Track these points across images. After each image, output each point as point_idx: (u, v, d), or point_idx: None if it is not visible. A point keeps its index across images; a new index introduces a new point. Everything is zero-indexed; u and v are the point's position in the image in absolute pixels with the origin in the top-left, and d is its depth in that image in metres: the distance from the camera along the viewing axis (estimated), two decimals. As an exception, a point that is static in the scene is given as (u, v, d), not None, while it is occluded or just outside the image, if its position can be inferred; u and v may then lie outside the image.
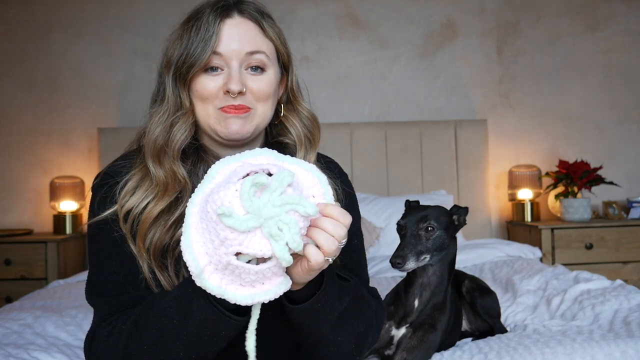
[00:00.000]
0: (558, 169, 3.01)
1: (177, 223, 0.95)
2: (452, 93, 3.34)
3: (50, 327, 1.64)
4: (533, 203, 3.11)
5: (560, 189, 3.04)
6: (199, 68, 0.96)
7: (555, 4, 3.36)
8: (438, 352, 1.37)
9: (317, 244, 0.78)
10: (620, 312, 1.58)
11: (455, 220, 1.35)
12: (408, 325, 1.34)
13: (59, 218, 2.99)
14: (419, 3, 3.33)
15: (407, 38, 3.33)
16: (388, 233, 2.75)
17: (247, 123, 0.98)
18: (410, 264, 1.25)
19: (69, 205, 3.01)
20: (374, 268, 2.49)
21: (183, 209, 0.95)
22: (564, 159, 3.10)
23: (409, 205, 1.39)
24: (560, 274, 2.08)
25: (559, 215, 3.06)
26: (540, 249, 2.79)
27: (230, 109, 0.96)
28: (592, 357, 1.23)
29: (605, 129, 3.37)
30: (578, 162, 2.97)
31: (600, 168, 2.96)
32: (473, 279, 1.59)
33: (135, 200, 0.95)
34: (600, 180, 2.93)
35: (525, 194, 3.13)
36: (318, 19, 3.32)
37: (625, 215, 3.13)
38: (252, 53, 0.98)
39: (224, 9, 0.98)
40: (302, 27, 3.31)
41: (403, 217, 1.34)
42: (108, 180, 0.99)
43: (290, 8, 3.29)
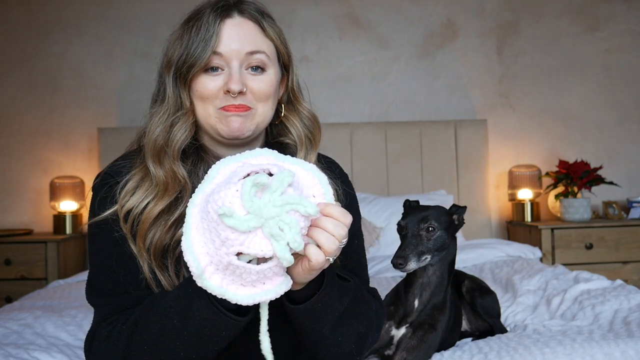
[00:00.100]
0: (558, 169, 3.02)
1: (177, 223, 0.95)
2: (452, 93, 3.34)
3: (50, 327, 1.64)
4: (533, 203, 3.12)
5: (560, 189, 3.04)
6: (200, 68, 0.96)
7: (555, 4, 3.36)
8: (438, 352, 1.37)
9: (317, 244, 0.78)
10: (620, 312, 1.58)
11: (455, 220, 1.35)
12: (408, 325, 1.34)
13: (59, 218, 2.99)
14: (419, 3, 3.33)
15: (407, 38, 3.33)
16: (388, 233, 2.75)
17: (247, 121, 0.98)
18: (412, 265, 1.26)
19: (69, 205, 3.01)
20: (374, 268, 2.49)
21: (183, 209, 0.95)
22: (564, 159, 3.10)
23: (409, 206, 1.39)
24: (560, 274, 2.08)
25: (559, 215, 3.06)
26: (540, 249, 2.79)
27: (231, 108, 0.97)
28: (592, 357, 1.23)
29: (605, 129, 3.37)
30: (578, 162, 2.97)
31: (600, 168, 2.96)
32: (473, 279, 1.59)
33: (136, 200, 0.95)
34: (600, 180, 2.93)
35: (525, 194, 3.13)
36: (318, 19, 3.32)
37: (625, 215, 3.13)
38: (252, 53, 0.98)
39: (224, 9, 0.98)
40: (302, 27, 3.31)
41: (403, 217, 1.34)
42: (108, 180, 0.99)
43: (290, 8, 3.29)
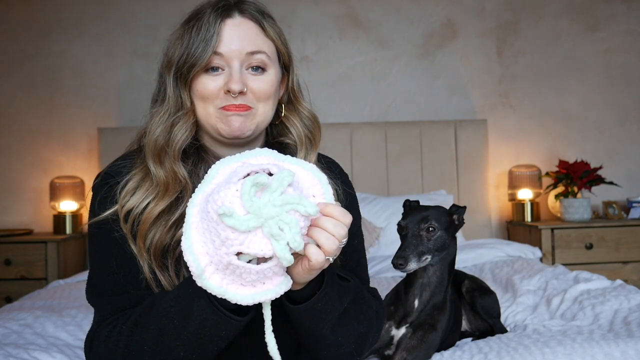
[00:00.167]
0: (558, 169, 3.02)
1: (177, 223, 0.95)
2: (452, 93, 3.34)
3: (50, 327, 1.64)
4: (533, 203, 3.11)
5: (560, 189, 3.04)
6: (200, 68, 0.96)
7: (555, 4, 3.36)
8: (438, 352, 1.37)
9: (317, 244, 0.78)
10: (620, 312, 1.58)
11: (456, 220, 1.35)
12: (408, 325, 1.34)
13: (59, 218, 2.99)
14: (419, 3, 3.33)
15: (407, 38, 3.33)
16: (388, 233, 2.75)
17: (248, 121, 0.98)
18: (412, 265, 1.26)
19: (69, 205, 3.01)
20: (374, 268, 2.49)
21: (183, 209, 0.95)
22: (564, 159, 3.10)
23: (409, 206, 1.39)
24: (560, 274, 2.08)
25: (559, 215, 3.06)
26: (540, 249, 2.79)
27: (231, 108, 0.97)
28: (592, 357, 1.23)
29: (605, 129, 3.37)
30: (578, 162, 2.97)
31: (600, 168, 2.96)
32: (473, 279, 1.59)
33: (136, 200, 0.95)
34: (600, 180, 2.93)
35: (525, 194, 3.13)
36: (318, 19, 3.32)
37: (625, 215, 3.13)
38: (252, 53, 0.98)
39: (225, 9, 0.98)
40: (302, 27, 3.31)
41: (404, 217, 1.34)
42: (109, 180, 0.99)
43: (290, 8, 3.29)
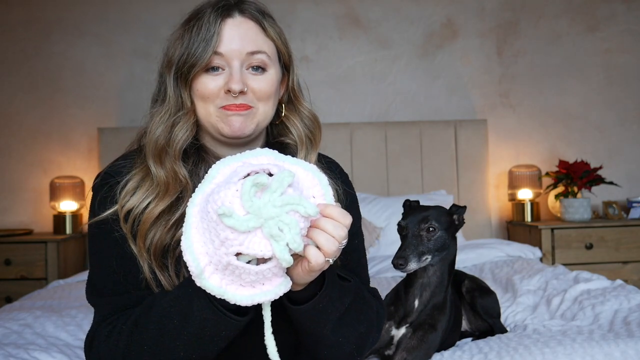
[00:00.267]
0: (558, 169, 3.02)
1: (177, 223, 0.95)
2: (452, 93, 3.34)
3: (50, 327, 1.64)
4: (533, 203, 3.11)
5: (560, 189, 3.04)
6: (200, 68, 0.96)
7: (555, 4, 3.36)
8: (438, 352, 1.37)
9: (317, 245, 0.78)
10: (620, 312, 1.58)
11: (456, 220, 1.35)
12: (408, 326, 1.34)
13: (59, 218, 2.99)
14: (419, 3, 3.33)
15: (407, 38, 3.33)
16: (388, 233, 2.75)
17: (248, 120, 0.98)
18: (412, 265, 1.25)
19: (69, 205, 3.01)
20: (374, 268, 2.49)
21: (184, 209, 0.95)
22: (564, 159, 3.10)
23: (410, 206, 1.39)
24: (560, 274, 2.08)
25: (559, 215, 3.06)
26: (540, 249, 2.79)
27: (232, 107, 0.97)
28: (592, 357, 1.23)
29: (605, 129, 3.37)
30: (578, 162, 2.97)
31: (600, 168, 2.96)
32: (473, 279, 1.59)
33: (136, 200, 0.95)
34: (600, 180, 2.93)
35: (525, 194, 3.13)
36: (318, 19, 3.32)
37: (625, 215, 3.13)
38: (253, 53, 0.98)
39: (225, 9, 0.98)
40: (302, 27, 3.31)
41: (404, 217, 1.34)
42: (109, 180, 0.99)
43: (290, 8, 3.29)
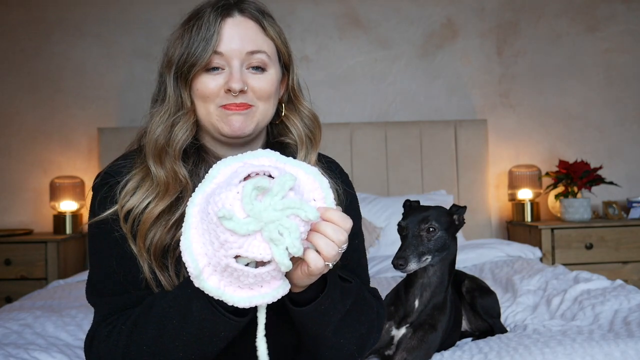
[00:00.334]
0: (558, 169, 3.02)
1: (177, 223, 0.95)
2: (452, 93, 3.34)
3: (50, 327, 1.63)
4: (533, 203, 3.11)
5: (560, 189, 3.04)
6: (200, 67, 0.96)
7: (555, 4, 3.36)
8: (438, 352, 1.37)
9: (317, 249, 0.77)
10: (620, 312, 1.58)
11: (456, 220, 1.35)
12: (408, 326, 1.34)
13: (59, 218, 2.99)
14: (419, 3, 3.33)
15: (407, 38, 3.33)
16: (388, 233, 2.75)
17: (248, 120, 0.98)
18: (412, 265, 1.25)
19: (69, 205, 3.01)
20: (374, 268, 2.49)
21: (184, 209, 0.95)
22: (564, 159, 3.10)
23: (410, 206, 1.39)
24: (560, 274, 2.08)
25: (559, 215, 3.06)
26: (540, 249, 2.79)
27: (232, 107, 0.97)
28: (592, 357, 1.23)
29: (605, 129, 3.37)
30: (578, 162, 2.97)
31: (600, 168, 2.96)
32: (473, 279, 1.59)
33: (136, 201, 0.95)
34: (600, 180, 2.93)
35: (525, 194, 3.13)
36: (318, 19, 3.32)
37: (625, 215, 3.13)
38: (253, 52, 0.98)
39: (225, 8, 0.98)
40: (302, 27, 3.31)
41: (404, 217, 1.33)
42: (109, 180, 0.99)
43: (290, 8, 3.29)
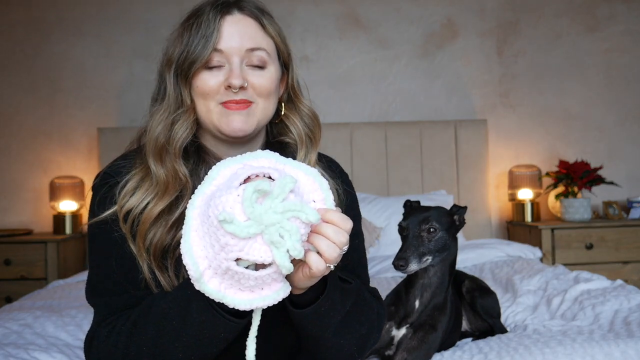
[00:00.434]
0: (558, 169, 3.02)
1: (177, 223, 0.95)
2: (452, 93, 3.34)
3: (50, 327, 1.63)
4: (533, 203, 3.11)
5: (561, 189, 3.04)
6: (201, 65, 0.96)
7: (555, 4, 3.36)
8: (438, 352, 1.36)
9: (318, 251, 0.77)
10: (621, 312, 1.58)
11: (456, 220, 1.35)
12: (408, 326, 1.34)
13: (59, 218, 2.99)
14: (419, 3, 3.33)
15: (407, 38, 3.33)
16: (388, 233, 2.74)
17: (249, 119, 0.98)
18: (413, 266, 1.25)
19: (69, 205, 3.01)
20: (374, 268, 2.48)
21: (183, 209, 0.95)
22: (564, 159, 3.10)
23: (410, 206, 1.39)
24: (561, 274, 2.08)
25: (559, 215, 3.06)
26: (541, 249, 2.79)
27: (232, 104, 0.96)
28: (592, 357, 1.23)
29: (606, 129, 3.37)
30: (578, 162, 2.97)
31: (601, 168, 2.96)
32: (473, 279, 1.59)
33: (135, 201, 0.95)
34: (601, 180, 2.93)
35: (526, 194, 3.12)
36: (318, 19, 3.32)
37: (626, 215, 3.13)
38: (252, 50, 0.98)
39: (224, 6, 0.99)
40: (302, 27, 3.31)
41: (404, 218, 1.33)
42: (108, 180, 0.99)
43: (290, 8, 3.29)
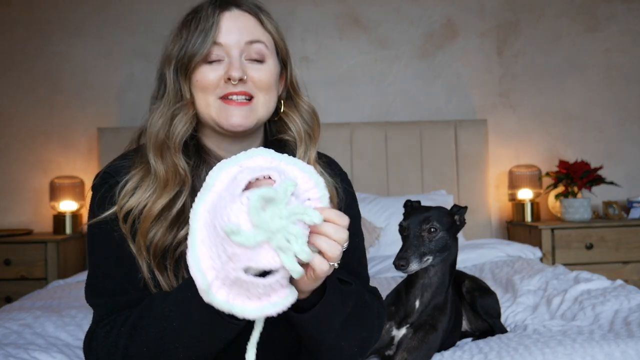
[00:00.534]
0: (558, 169, 3.01)
1: (177, 221, 0.95)
2: (452, 93, 3.34)
3: (50, 327, 1.63)
4: (533, 203, 3.11)
5: (561, 189, 3.04)
6: (200, 58, 0.96)
7: (555, 4, 3.36)
8: (438, 352, 1.36)
9: (320, 250, 0.77)
10: (621, 312, 1.58)
11: (457, 221, 1.35)
12: (409, 326, 1.34)
13: (59, 218, 2.99)
14: (419, 3, 3.33)
15: (407, 38, 3.33)
16: (388, 233, 2.74)
17: (250, 114, 0.98)
18: (414, 266, 1.25)
19: (69, 205, 3.01)
20: (374, 268, 2.48)
21: (182, 204, 0.95)
22: (564, 159, 3.10)
23: (411, 206, 1.39)
24: (561, 274, 2.08)
25: (559, 215, 3.06)
26: (541, 249, 2.79)
27: (232, 96, 0.96)
28: (592, 357, 1.23)
29: (606, 129, 3.37)
30: (578, 162, 2.97)
31: (601, 168, 2.96)
32: (473, 279, 1.59)
33: (136, 200, 0.95)
34: (601, 180, 2.93)
35: (526, 194, 3.12)
36: (318, 19, 3.32)
37: (626, 215, 3.13)
38: (252, 42, 0.98)
39: (223, 3, 0.99)
40: (302, 27, 3.31)
41: (405, 218, 1.33)
42: (108, 180, 0.99)
43: (290, 8, 3.29)
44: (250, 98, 0.98)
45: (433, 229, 1.29)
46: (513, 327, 1.66)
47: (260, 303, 0.75)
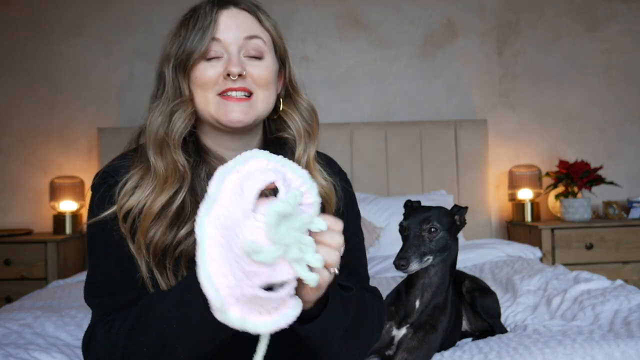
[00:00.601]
0: (558, 169, 3.01)
1: (176, 219, 0.95)
2: (452, 93, 3.34)
3: (50, 327, 1.63)
4: (533, 203, 3.11)
5: (561, 189, 3.04)
6: (199, 55, 0.96)
7: (555, 4, 3.36)
8: (438, 352, 1.36)
9: None
10: (621, 312, 1.58)
11: (457, 221, 1.35)
12: (409, 326, 1.34)
13: (59, 218, 2.99)
14: (419, 3, 3.33)
15: (407, 38, 3.33)
16: (388, 233, 2.74)
17: (250, 111, 0.98)
18: (414, 266, 1.25)
19: (69, 205, 3.01)
20: (374, 268, 2.48)
21: (181, 201, 0.95)
22: (564, 159, 3.10)
23: (411, 206, 1.39)
24: (561, 274, 2.08)
25: (559, 215, 3.06)
26: (541, 249, 2.79)
27: (231, 92, 0.96)
28: (592, 357, 1.23)
29: (606, 129, 3.37)
30: (578, 162, 2.97)
31: (601, 168, 2.96)
32: (473, 279, 1.59)
33: (135, 200, 0.95)
34: (601, 180, 2.93)
35: (526, 194, 3.12)
36: (318, 19, 3.32)
37: (626, 215, 3.13)
38: (250, 38, 0.98)
39: (221, 1, 1.00)
40: (302, 27, 3.31)
41: (405, 218, 1.33)
42: (107, 180, 0.98)
43: (290, 8, 3.29)
44: (250, 94, 0.98)
45: (433, 229, 1.29)
46: (513, 327, 1.66)
47: (271, 317, 0.74)
